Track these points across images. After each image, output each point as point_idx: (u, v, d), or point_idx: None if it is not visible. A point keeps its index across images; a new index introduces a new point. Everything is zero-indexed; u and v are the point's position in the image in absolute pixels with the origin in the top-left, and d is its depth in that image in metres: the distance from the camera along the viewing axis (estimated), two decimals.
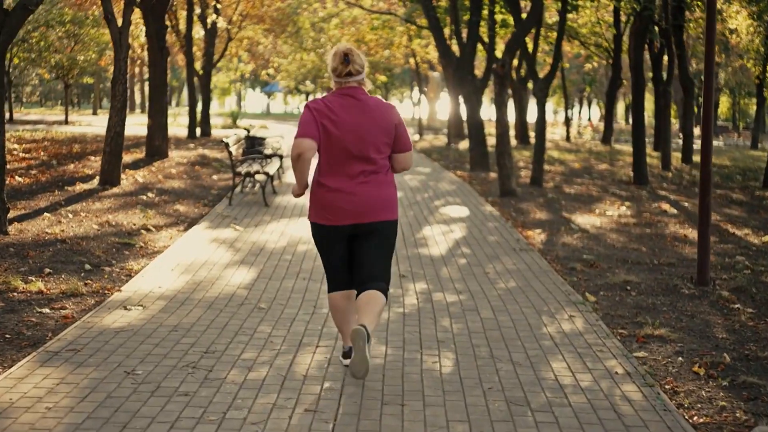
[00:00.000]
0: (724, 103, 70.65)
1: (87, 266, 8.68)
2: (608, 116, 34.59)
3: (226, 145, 13.19)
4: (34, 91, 60.52)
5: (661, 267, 9.66)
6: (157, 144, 19.21)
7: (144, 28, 19.37)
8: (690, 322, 7.28)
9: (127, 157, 19.32)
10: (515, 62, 37.20)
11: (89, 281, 8.09)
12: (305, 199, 14.18)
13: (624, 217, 13.73)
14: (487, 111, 65.93)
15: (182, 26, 34.80)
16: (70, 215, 11.72)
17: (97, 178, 15.02)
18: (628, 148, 33.62)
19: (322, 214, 5.48)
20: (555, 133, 48.24)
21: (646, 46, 34.34)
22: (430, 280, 8.51)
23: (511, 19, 33.06)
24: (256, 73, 57.11)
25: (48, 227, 10.75)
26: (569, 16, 32.55)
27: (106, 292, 7.72)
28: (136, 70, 59.80)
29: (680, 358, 6.24)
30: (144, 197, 13.71)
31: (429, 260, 9.53)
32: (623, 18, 31.15)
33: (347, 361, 5.73)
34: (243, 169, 13.51)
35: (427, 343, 6.37)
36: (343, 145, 5.34)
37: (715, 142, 45.95)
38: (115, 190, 14.33)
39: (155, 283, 8.08)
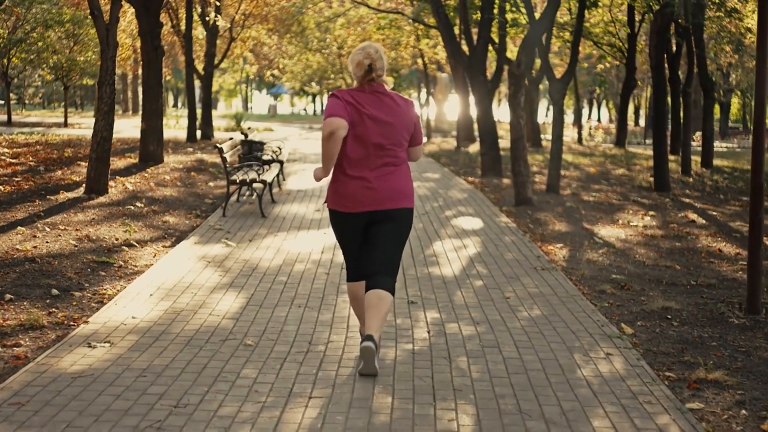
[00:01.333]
0: (734, 104, 69.41)
1: (54, 291, 7.68)
2: (622, 118, 33.52)
3: (220, 150, 12.19)
4: (36, 92, 59.67)
5: (700, 289, 8.63)
6: (151, 149, 18.20)
7: (149, 27, 18.26)
8: (746, 361, 6.25)
9: (119, 163, 18.34)
10: None
11: (54, 310, 7.09)
12: (305, 209, 13.17)
13: (650, 228, 12.70)
14: (495, 112, 64.82)
15: (183, 26, 33.92)
16: (48, 229, 10.71)
17: (84, 186, 14.02)
18: (642, 151, 32.58)
19: (341, 201, 5.70)
20: (566, 135, 47.12)
21: None
22: (442, 308, 7.49)
23: (522, 18, 32.08)
24: (261, 74, 56.07)
25: (19, 243, 9.74)
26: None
27: (71, 323, 6.72)
28: (140, 71, 58.85)
29: (743, 411, 5.22)
30: (132, 207, 12.71)
31: (441, 282, 8.51)
32: (638, 17, 30.08)
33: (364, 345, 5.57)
34: (238, 176, 12.50)
35: (441, 392, 5.35)
36: (367, 137, 5.59)
37: (729, 144, 44.82)
38: (102, 199, 13.33)
39: (129, 311, 7.08)
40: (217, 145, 12.22)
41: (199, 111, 31.08)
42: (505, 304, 7.67)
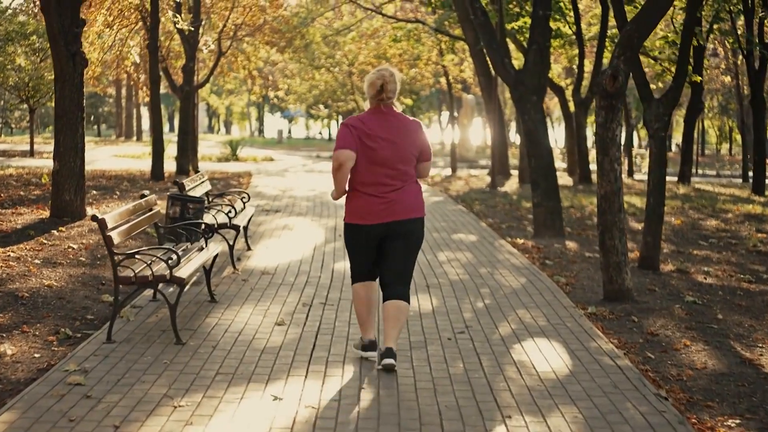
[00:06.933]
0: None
1: None
2: (687, 148, 27.92)
3: (101, 223, 6.84)
4: (23, 116, 54.72)
5: None
6: (67, 198, 12.80)
7: (61, 26, 12.96)
8: None
9: (23, 217, 13.01)
10: (551, 72, 31.16)
11: None
12: (260, 320, 7.79)
13: None
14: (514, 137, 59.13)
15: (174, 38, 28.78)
16: None
17: None
18: (711, 188, 27.07)
19: (358, 215, 6.24)
20: None
21: (742, 56, 27.88)
22: None
23: (567, 29, 26.70)
24: (266, 95, 50.71)
25: None
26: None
27: None
28: (123, 91, 53.72)
29: None
30: None
31: None
32: (705, 25, 24.69)
33: (365, 354, 6.45)
34: (135, 270, 7.08)
35: None
36: (378, 157, 6.15)
37: None
38: None
39: None
40: (96, 215, 6.86)
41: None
42: None
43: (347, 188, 6.31)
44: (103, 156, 34.45)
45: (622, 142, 18.32)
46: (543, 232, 13.45)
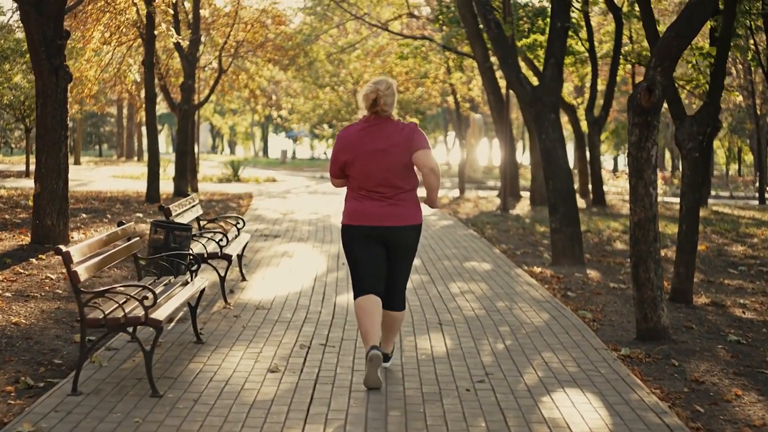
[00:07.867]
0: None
1: None
2: (705, 169, 27.02)
3: (65, 256, 5.93)
4: (22, 136, 54.01)
5: None
6: (49, 224, 11.90)
7: (43, 36, 12.05)
8: None
9: (1, 244, 12.10)
10: (564, 89, 30.41)
11: None
12: (250, 365, 6.84)
13: None
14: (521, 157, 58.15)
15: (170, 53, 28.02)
16: None
17: None
18: (729, 210, 26.14)
19: (352, 216, 6.29)
20: (618, 186, 40.68)
21: (763, 73, 26.99)
22: None
23: (579, 46, 25.85)
24: (269, 115, 49.81)
25: None
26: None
27: None
28: (125, 109, 52.90)
29: None
30: None
31: None
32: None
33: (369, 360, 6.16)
34: (105, 312, 6.15)
35: None
36: (368, 170, 6.20)
37: None
38: None
39: None
40: (60, 247, 5.94)
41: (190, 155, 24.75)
42: None
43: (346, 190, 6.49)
44: (101, 176, 33.67)
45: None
46: (562, 259, 12.50)
